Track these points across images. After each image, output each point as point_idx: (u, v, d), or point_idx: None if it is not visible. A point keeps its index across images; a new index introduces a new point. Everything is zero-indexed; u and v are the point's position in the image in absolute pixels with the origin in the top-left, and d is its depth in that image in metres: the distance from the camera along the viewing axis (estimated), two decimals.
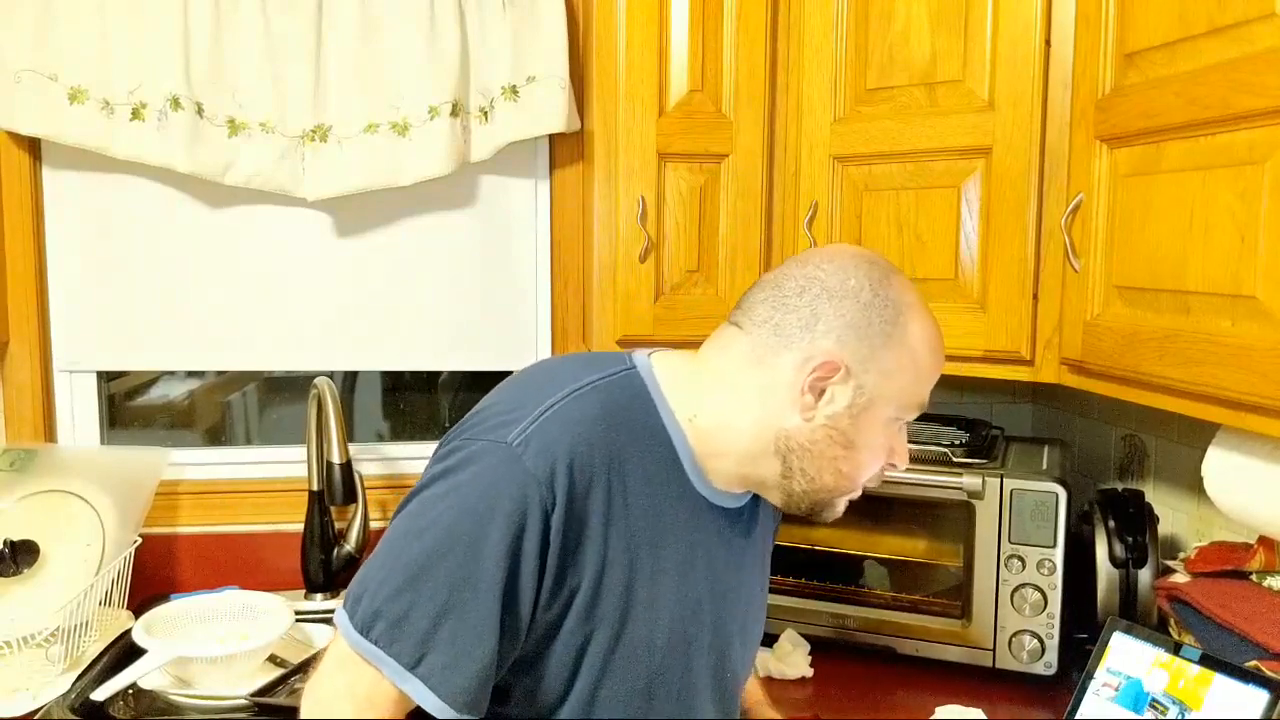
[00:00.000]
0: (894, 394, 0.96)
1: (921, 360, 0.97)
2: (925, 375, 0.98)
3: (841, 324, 0.94)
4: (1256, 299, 0.96)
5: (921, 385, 0.98)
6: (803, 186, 1.58)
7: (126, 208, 1.81)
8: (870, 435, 0.96)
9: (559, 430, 0.88)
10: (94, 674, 1.45)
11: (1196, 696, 1.13)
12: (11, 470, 1.62)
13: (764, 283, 1.00)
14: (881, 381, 0.95)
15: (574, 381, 0.94)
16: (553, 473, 0.86)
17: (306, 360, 1.91)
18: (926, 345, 0.98)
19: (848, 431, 0.95)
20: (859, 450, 0.96)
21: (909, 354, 0.96)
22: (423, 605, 0.84)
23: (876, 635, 1.55)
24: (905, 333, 0.96)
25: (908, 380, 0.97)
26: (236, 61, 1.71)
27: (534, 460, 0.86)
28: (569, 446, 0.88)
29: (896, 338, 0.95)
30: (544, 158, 1.94)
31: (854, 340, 0.94)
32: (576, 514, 0.88)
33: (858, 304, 0.94)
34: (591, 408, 0.92)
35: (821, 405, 0.94)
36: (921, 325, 0.98)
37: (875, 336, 0.94)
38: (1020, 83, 1.37)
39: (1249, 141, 0.98)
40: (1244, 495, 1.12)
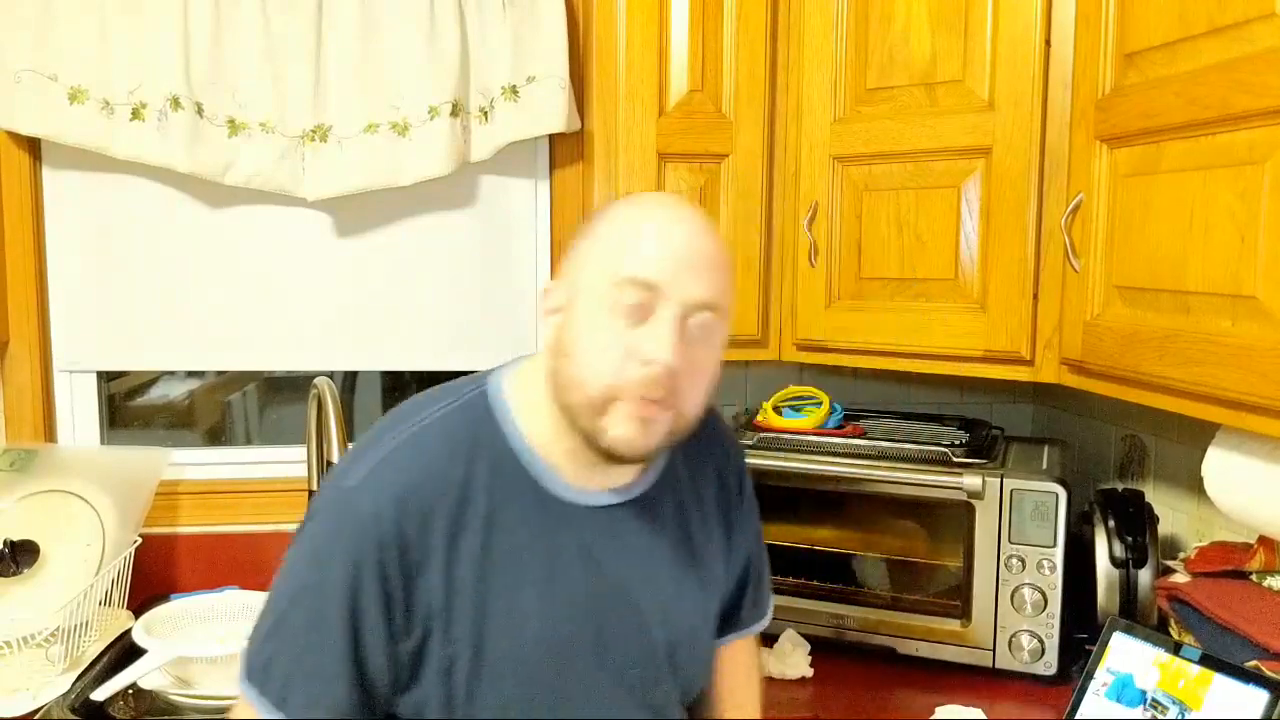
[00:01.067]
0: (595, 272, 0.91)
1: (617, 229, 0.93)
2: (624, 240, 0.91)
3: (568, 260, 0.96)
4: (1256, 299, 0.96)
5: (621, 250, 0.90)
6: (803, 186, 1.58)
7: (126, 208, 1.81)
8: (580, 329, 0.91)
9: (392, 471, 0.92)
10: (94, 674, 1.45)
11: (1196, 696, 1.13)
12: (11, 470, 1.62)
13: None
14: (580, 271, 0.93)
15: (415, 416, 0.97)
16: (382, 513, 0.90)
17: (306, 360, 1.90)
18: (622, 215, 0.94)
19: (564, 340, 0.92)
20: (576, 352, 0.91)
21: (603, 228, 0.94)
22: (284, 649, 0.91)
23: (876, 635, 1.56)
24: (601, 218, 0.95)
25: (604, 251, 0.92)
26: (236, 61, 1.71)
27: (367, 503, 0.90)
28: (402, 485, 0.91)
29: (591, 226, 0.95)
30: (544, 158, 1.94)
31: (568, 263, 0.95)
32: (415, 548, 0.91)
33: (580, 236, 0.96)
34: (428, 441, 0.94)
35: (547, 327, 0.95)
36: (622, 205, 0.96)
37: (581, 246, 0.95)
38: (1020, 83, 1.37)
39: (1249, 141, 0.98)
40: (1244, 495, 1.13)
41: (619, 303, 0.88)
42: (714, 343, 0.93)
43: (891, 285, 1.51)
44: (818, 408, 1.72)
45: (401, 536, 0.90)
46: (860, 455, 1.58)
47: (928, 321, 1.48)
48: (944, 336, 1.47)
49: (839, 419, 1.72)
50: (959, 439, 1.62)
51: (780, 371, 1.99)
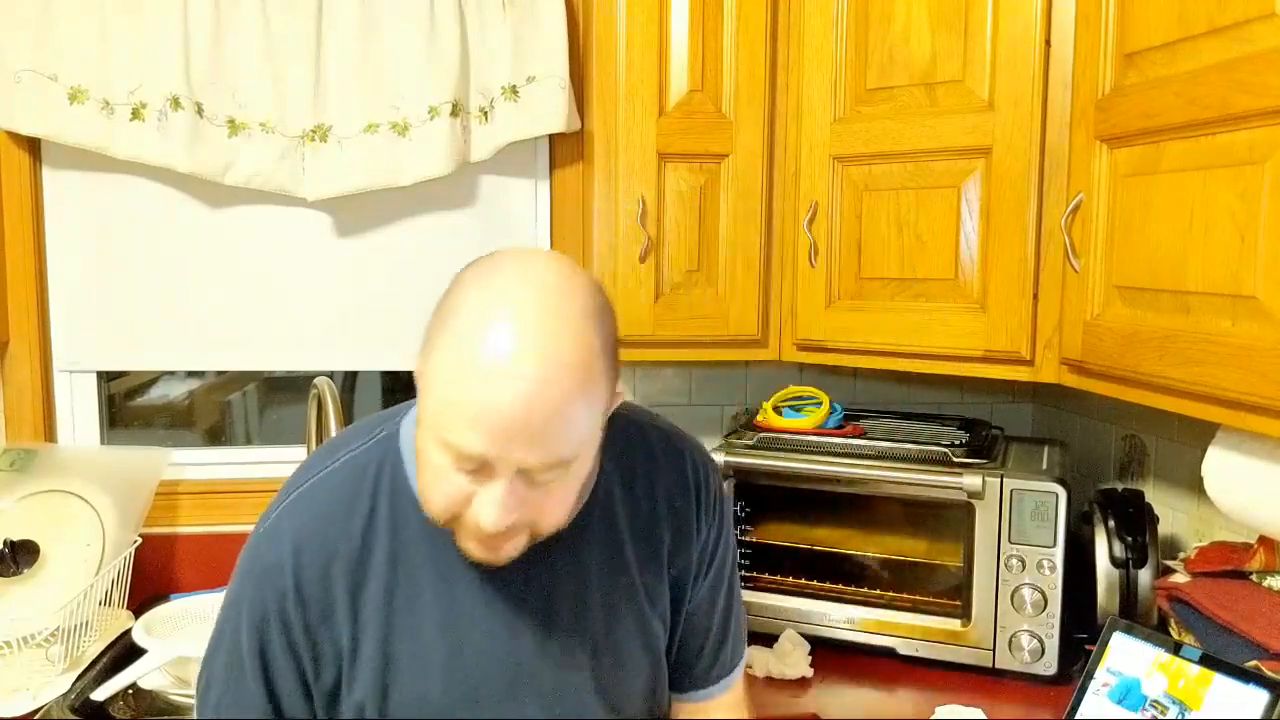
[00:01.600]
0: (428, 408, 0.81)
1: (450, 365, 0.79)
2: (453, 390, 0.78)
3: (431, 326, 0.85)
4: (1256, 299, 0.96)
5: (446, 408, 0.79)
6: (803, 186, 1.58)
7: (126, 208, 1.81)
8: (424, 446, 0.83)
9: (293, 520, 0.93)
10: (94, 674, 1.45)
11: (1196, 696, 1.13)
12: (11, 470, 1.62)
13: None
14: (422, 383, 0.83)
15: (325, 460, 0.96)
16: (281, 561, 0.91)
17: (306, 360, 1.90)
18: (460, 343, 0.78)
19: (416, 438, 0.86)
20: (420, 469, 0.86)
21: (440, 357, 0.80)
22: (214, 682, 0.94)
23: (876, 635, 1.56)
24: (449, 324, 0.80)
25: (436, 389, 0.80)
26: (236, 61, 1.71)
27: (270, 550, 0.92)
28: (301, 534, 0.91)
29: (437, 334, 0.81)
30: (544, 158, 1.94)
31: (425, 338, 0.85)
32: (316, 599, 0.91)
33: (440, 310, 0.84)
34: (331, 488, 0.94)
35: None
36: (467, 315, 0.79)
37: (430, 332, 0.83)
38: (1020, 83, 1.37)
39: (1249, 141, 0.98)
40: (1244, 495, 1.13)
41: (450, 457, 0.80)
42: (569, 476, 0.84)
43: (891, 285, 1.51)
44: (818, 408, 1.72)
45: (300, 587, 0.90)
46: (860, 455, 1.58)
47: (928, 321, 1.48)
48: (944, 336, 1.47)
49: (839, 419, 1.72)
50: (959, 439, 1.62)
51: (780, 371, 1.99)
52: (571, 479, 0.85)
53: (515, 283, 0.80)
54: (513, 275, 0.81)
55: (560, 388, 0.78)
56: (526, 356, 0.77)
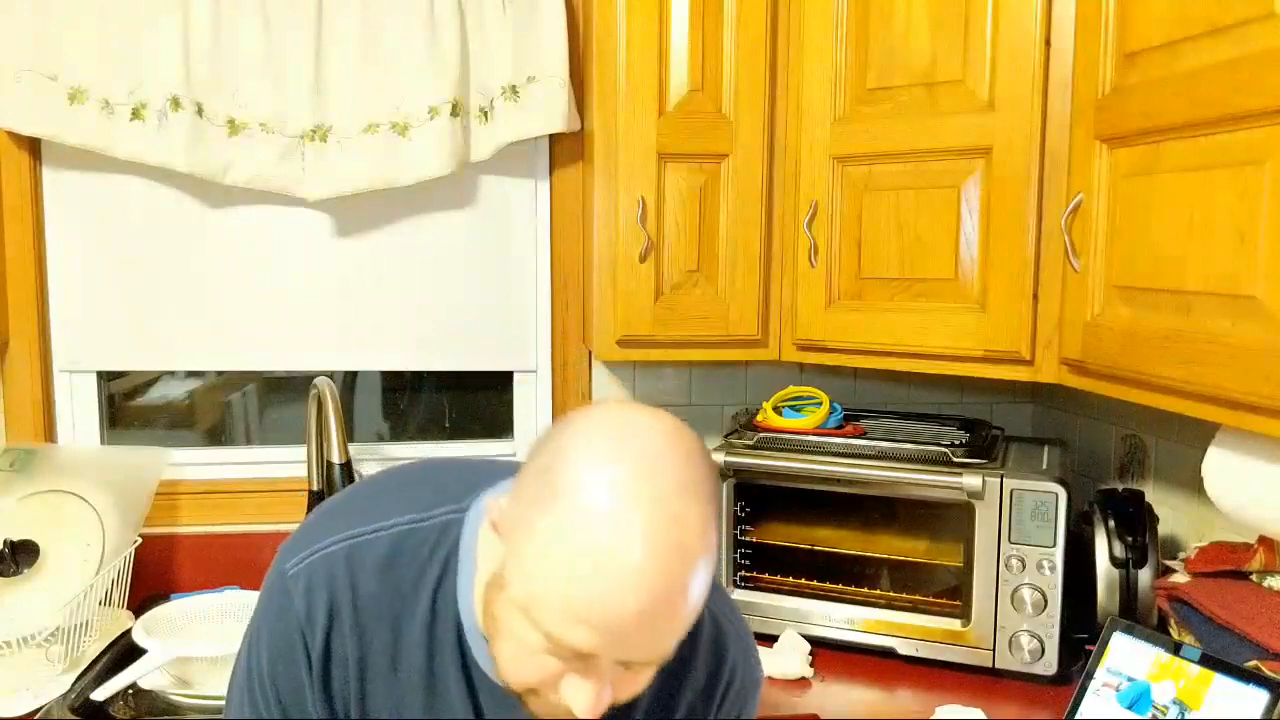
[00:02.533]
0: (522, 594, 0.74)
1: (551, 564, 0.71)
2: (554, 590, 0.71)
3: (521, 475, 0.79)
4: (1256, 299, 0.96)
5: (548, 604, 0.72)
6: (803, 186, 1.58)
7: (126, 208, 1.81)
8: (507, 626, 0.77)
9: (329, 571, 0.86)
10: (94, 674, 1.45)
11: (1196, 696, 1.13)
12: (11, 470, 1.62)
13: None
14: (513, 566, 0.75)
15: (382, 518, 0.89)
16: (311, 616, 0.86)
17: (306, 360, 1.90)
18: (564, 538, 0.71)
19: (495, 602, 0.79)
20: (499, 637, 0.79)
21: (540, 549, 0.72)
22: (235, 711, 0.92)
23: (876, 635, 1.56)
24: (552, 512, 0.72)
25: (532, 582, 0.73)
26: (236, 61, 1.71)
27: (300, 597, 0.86)
28: (335, 593, 0.86)
29: (541, 513, 0.73)
30: (544, 158, 1.94)
31: (514, 495, 0.78)
32: (336, 658, 0.87)
33: (536, 457, 0.77)
34: (377, 555, 0.87)
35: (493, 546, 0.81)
36: (568, 507, 0.71)
37: (527, 499, 0.75)
38: (1020, 83, 1.37)
39: (1249, 141, 0.98)
40: (1244, 495, 1.13)
41: (545, 642, 0.74)
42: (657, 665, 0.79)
43: (891, 285, 1.51)
44: (818, 408, 1.72)
45: (329, 647, 0.87)
46: (860, 455, 1.58)
47: (928, 321, 1.48)
48: (944, 336, 1.47)
49: (839, 419, 1.72)
50: (959, 439, 1.62)
51: (780, 371, 1.99)
52: (654, 669, 0.80)
53: (636, 462, 0.72)
54: (630, 452, 0.73)
55: (684, 587, 0.72)
56: (655, 559, 0.70)
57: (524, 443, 2.01)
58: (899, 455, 1.56)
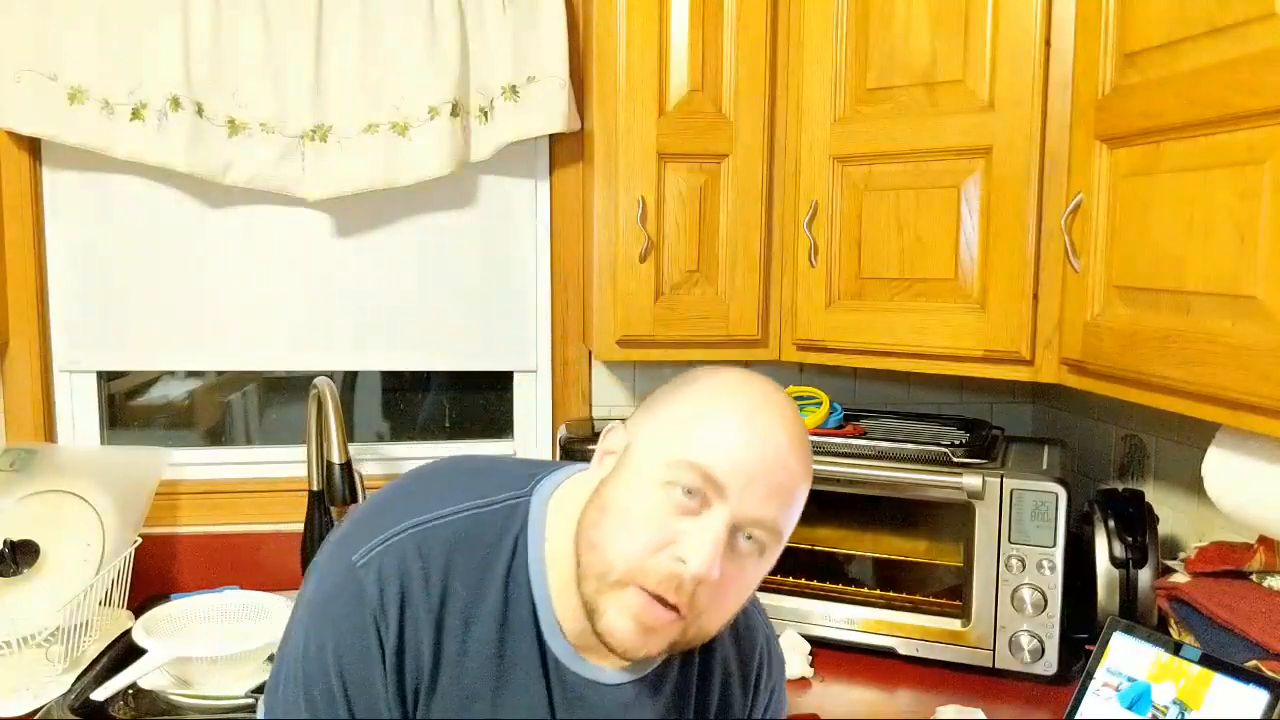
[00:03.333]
0: (659, 440, 0.84)
1: (699, 402, 0.85)
2: (701, 419, 0.83)
3: (645, 405, 0.90)
4: (1256, 299, 0.96)
5: (694, 428, 0.83)
6: (803, 186, 1.58)
7: (127, 208, 1.81)
8: (624, 497, 0.83)
9: (400, 559, 0.86)
10: (94, 674, 1.45)
11: (1196, 696, 1.13)
12: (11, 470, 1.62)
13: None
14: (645, 428, 0.86)
15: (446, 505, 0.89)
16: (385, 606, 0.84)
17: (306, 360, 1.91)
18: (713, 390, 0.85)
19: (605, 492, 0.85)
20: (610, 515, 0.83)
21: (682, 402, 0.86)
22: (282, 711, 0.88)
23: (876, 635, 1.55)
24: (691, 381, 0.88)
25: (676, 422, 0.84)
26: (236, 61, 1.71)
27: (372, 586, 0.85)
28: (407, 581, 0.85)
29: (676, 392, 0.88)
30: (544, 158, 1.94)
31: (641, 410, 0.89)
32: (410, 649, 0.86)
33: (660, 393, 0.89)
34: (446, 540, 0.87)
35: (597, 468, 0.88)
36: (718, 378, 0.87)
37: (659, 398, 0.89)
38: (1020, 83, 1.37)
39: (1249, 141, 0.98)
40: (1244, 495, 1.13)
41: (673, 483, 0.81)
42: (758, 564, 0.85)
43: (891, 285, 1.51)
44: (818, 408, 1.72)
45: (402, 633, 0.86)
46: (860, 455, 1.58)
47: (928, 321, 1.48)
48: (944, 336, 1.47)
49: (839, 419, 1.72)
50: (959, 439, 1.62)
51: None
52: (752, 572, 0.85)
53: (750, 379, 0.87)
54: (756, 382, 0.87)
55: (803, 457, 0.84)
56: (782, 420, 0.84)
57: (524, 443, 2.01)
58: (899, 455, 1.56)
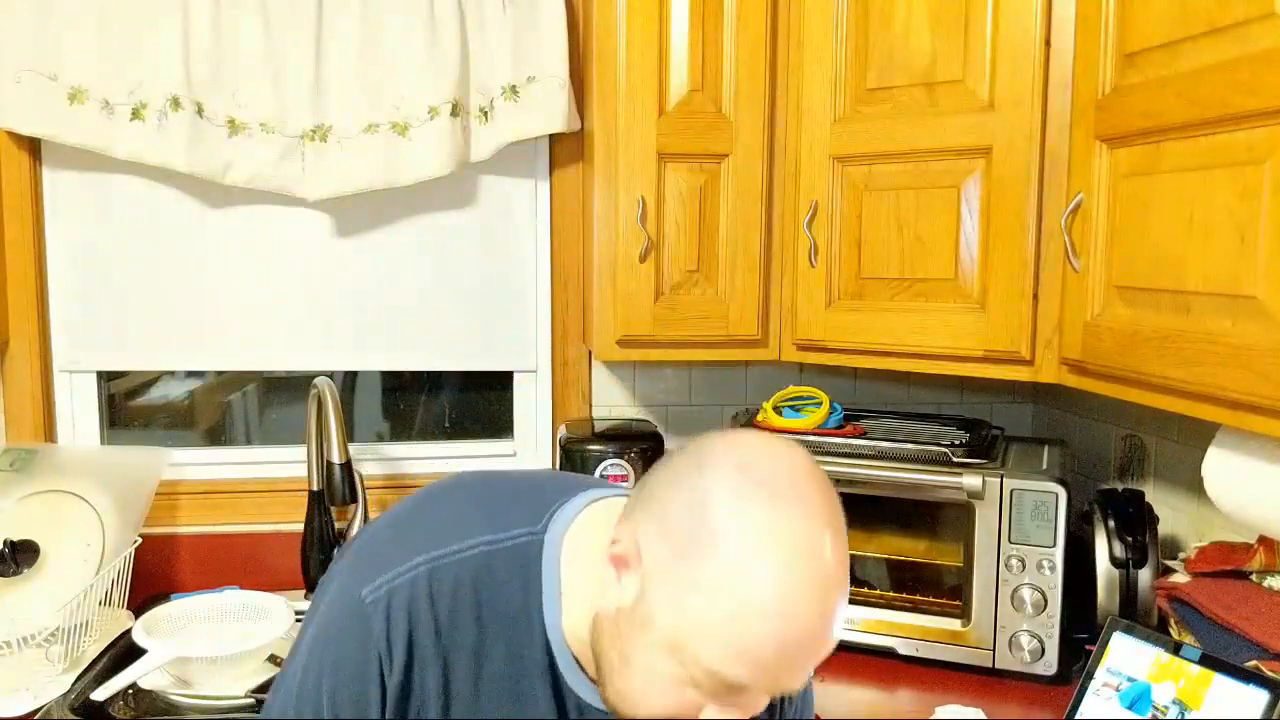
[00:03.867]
0: (676, 629, 0.75)
1: (718, 597, 0.73)
2: (722, 628, 0.73)
3: (659, 511, 0.79)
4: (1256, 299, 0.96)
5: (713, 639, 0.74)
6: (803, 186, 1.58)
7: (127, 208, 1.81)
8: (643, 661, 0.77)
9: (409, 598, 0.84)
10: (94, 674, 1.45)
11: (1196, 696, 1.13)
12: (11, 470, 1.62)
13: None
14: (667, 602, 0.76)
15: (458, 538, 0.87)
16: (391, 646, 0.84)
17: (306, 360, 1.91)
18: (733, 570, 0.73)
19: (625, 638, 0.79)
20: (630, 671, 0.78)
21: (713, 588, 0.74)
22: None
23: (876, 635, 1.55)
24: (716, 555, 0.74)
25: (692, 617, 0.74)
26: (236, 61, 1.71)
27: (379, 624, 0.84)
28: (416, 623, 0.84)
29: (702, 556, 0.74)
30: (544, 158, 1.94)
31: (657, 532, 0.78)
32: (415, 689, 0.85)
33: (677, 492, 0.78)
34: (457, 578, 0.85)
35: (613, 585, 0.81)
36: (751, 559, 0.73)
37: (679, 539, 0.76)
38: (1020, 83, 1.37)
39: (1249, 141, 0.98)
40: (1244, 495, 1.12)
41: (699, 685, 0.76)
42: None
43: (891, 285, 1.51)
44: (818, 408, 1.72)
45: (408, 674, 0.85)
46: (860, 455, 1.58)
47: (928, 321, 1.48)
48: (944, 336, 1.47)
49: (839, 419, 1.72)
50: (959, 439, 1.61)
51: (780, 371, 1.99)
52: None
53: (788, 507, 0.75)
54: (781, 496, 0.75)
55: (833, 621, 0.77)
56: (811, 602, 0.74)
57: (524, 443, 2.01)
58: (899, 455, 1.56)
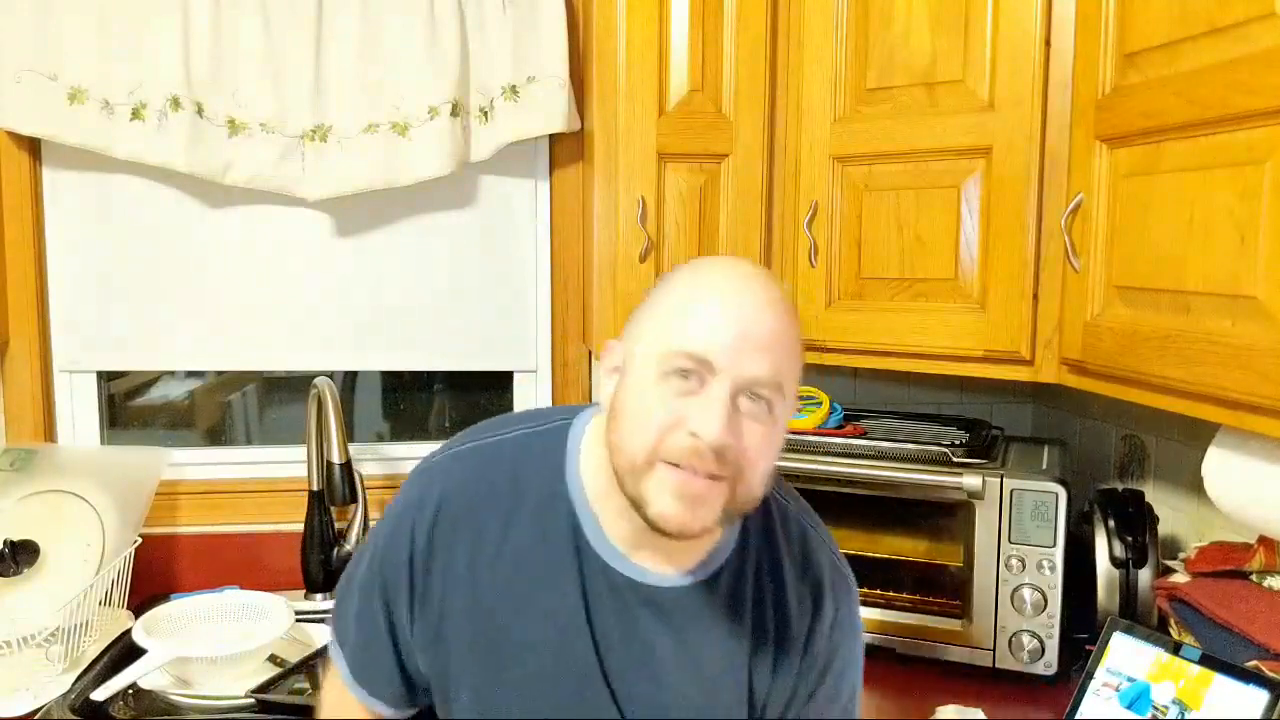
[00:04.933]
0: (650, 340, 0.90)
1: (676, 297, 0.91)
2: (681, 311, 0.89)
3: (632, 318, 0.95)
4: (1256, 299, 0.96)
5: (677, 321, 0.88)
6: (803, 186, 1.58)
7: (126, 208, 1.81)
8: (631, 397, 0.89)
9: (450, 469, 1.00)
10: (94, 674, 1.45)
11: (1196, 696, 1.13)
12: (11, 470, 1.62)
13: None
14: (637, 335, 0.92)
15: (504, 428, 1.03)
16: (425, 501, 0.98)
17: (306, 360, 1.91)
18: (685, 282, 0.92)
19: (616, 402, 0.91)
20: (623, 416, 0.89)
21: (664, 294, 0.92)
22: (348, 600, 1.04)
23: (876, 635, 1.55)
24: (665, 282, 0.94)
25: (659, 322, 0.90)
26: (236, 61, 1.71)
27: (417, 489, 0.99)
28: (453, 485, 0.98)
29: (655, 290, 0.94)
30: (544, 158, 1.94)
31: (631, 320, 0.95)
32: (441, 550, 0.96)
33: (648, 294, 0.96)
34: (495, 456, 1.00)
35: (607, 385, 0.94)
36: (687, 271, 0.94)
37: (645, 304, 0.95)
38: (1020, 83, 1.37)
39: (1249, 141, 0.98)
40: (1244, 495, 1.12)
41: (670, 372, 0.86)
42: (773, 419, 0.88)
43: (891, 285, 1.51)
44: (818, 408, 1.72)
45: (432, 537, 0.96)
46: (860, 455, 1.58)
47: (928, 321, 1.48)
48: (944, 336, 1.47)
49: (839, 419, 1.72)
50: (959, 439, 1.61)
51: None
52: (773, 427, 0.89)
53: (723, 260, 0.96)
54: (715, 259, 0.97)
55: (780, 312, 0.89)
56: (751, 285, 0.88)
57: None
58: (899, 455, 1.56)
